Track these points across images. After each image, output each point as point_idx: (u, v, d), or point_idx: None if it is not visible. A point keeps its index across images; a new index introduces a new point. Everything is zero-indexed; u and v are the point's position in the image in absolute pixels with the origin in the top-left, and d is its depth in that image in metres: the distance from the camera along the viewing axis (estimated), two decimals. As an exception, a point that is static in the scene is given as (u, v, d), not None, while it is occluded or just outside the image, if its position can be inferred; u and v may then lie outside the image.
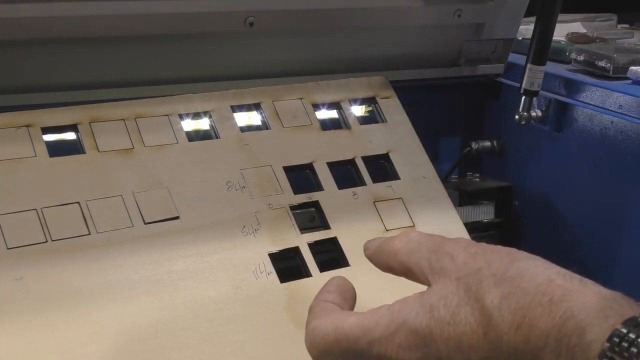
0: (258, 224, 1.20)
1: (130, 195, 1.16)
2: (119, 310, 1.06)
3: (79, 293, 1.06)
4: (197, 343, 1.07)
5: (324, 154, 1.31)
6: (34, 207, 1.10)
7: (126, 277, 1.09)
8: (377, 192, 1.31)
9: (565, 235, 1.60)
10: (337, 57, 1.55)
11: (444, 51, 1.66)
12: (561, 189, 1.61)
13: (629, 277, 1.48)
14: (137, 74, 1.40)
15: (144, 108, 1.25)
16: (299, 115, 1.34)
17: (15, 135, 1.15)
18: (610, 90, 1.50)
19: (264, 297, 1.14)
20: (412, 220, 1.30)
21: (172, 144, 1.23)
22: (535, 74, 1.53)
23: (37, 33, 1.27)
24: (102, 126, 1.20)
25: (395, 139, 1.38)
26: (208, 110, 1.29)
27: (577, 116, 1.56)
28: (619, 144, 1.47)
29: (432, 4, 1.54)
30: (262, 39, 1.46)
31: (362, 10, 1.50)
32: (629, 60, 1.55)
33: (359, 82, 1.42)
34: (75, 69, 1.35)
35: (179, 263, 1.13)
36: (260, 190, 1.23)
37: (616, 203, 1.50)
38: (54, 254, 1.08)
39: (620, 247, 1.51)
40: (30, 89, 1.32)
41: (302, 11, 1.45)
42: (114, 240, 1.12)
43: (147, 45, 1.38)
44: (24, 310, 1.02)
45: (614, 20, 2.11)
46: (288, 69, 1.50)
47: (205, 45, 1.42)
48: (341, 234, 1.24)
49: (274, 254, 1.18)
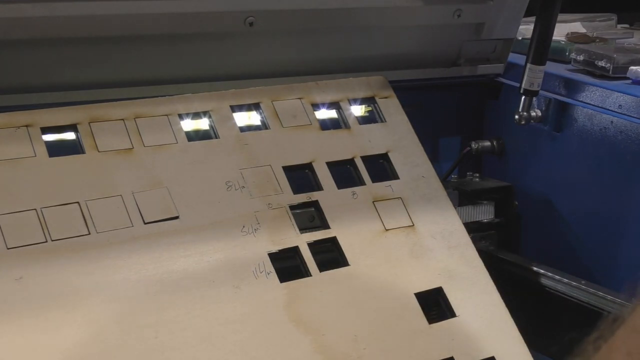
0: (258, 224, 1.20)
1: (130, 195, 1.16)
2: (119, 310, 1.06)
3: (79, 293, 1.06)
4: (197, 343, 1.07)
5: (323, 153, 1.32)
6: (34, 207, 1.10)
7: (126, 277, 1.09)
8: (376, 192, 1.31)
9: (565, 235, 1.60)
10: (336, 57, 1.55)
11: (444, 51, 1.66)
12: (561, 189, 1.61)
13: (628, 277, 1.48)
14: (137, 74, 1.40)
15: (144, 108, 1.25)
16: (299, 115, 1.34)
17: (15, 135, 1.15)
18: (610, 90, 1.50)
19: (264, 297, 1.14)
20: (412, 220, 1.30)
21: (171, 144, 1.23)
22: (535, 73, 1.53)
23: (37, 33, 1.27)
24: (101, 126, 1.21)
25: (394, 139, 1.38)
26: (208, 110, 1.29)
27: (577, 116, 1.56)
28: (618, 144, 1.47)
29: (432, 4, 1.54)
30: (262, 39, 1.46)
31: (362, 10, 1.50)
32: (629, 60, 1.55)
33: (359, 82, 1.42)
34: (75, 69, 1.35)
35: (179, 263, 1.13)
36: (259, 190, 1.24)
37: (616, 203, 1.51)
38: (54, 254, 1.08)
39: (620, 246, 1.51)
40: (30, 89, 1.32)
41: (302, 11, 1.45)
42: (114, 240, 1.12)
43: (147, 45, 1.38)
44: (24, 310, 1.03)
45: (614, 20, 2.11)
46: (288, 69, 1.51)
47: (205, 45, 1.43)
48: (341, 233, 1.24)
49: (274, 254, 1.18)
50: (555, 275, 1.48)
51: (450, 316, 1.23)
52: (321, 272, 1.19)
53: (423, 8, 1.54)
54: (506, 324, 1.25)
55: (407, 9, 1.53)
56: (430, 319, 1.21)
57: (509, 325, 1.25)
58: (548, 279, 1.49)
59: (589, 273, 1.53)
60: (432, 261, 1.27)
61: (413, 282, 1.24)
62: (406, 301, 1.21)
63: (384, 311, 1.19)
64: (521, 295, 1.45)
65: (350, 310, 1.17)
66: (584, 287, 1.44)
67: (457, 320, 1.23)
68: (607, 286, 1.44)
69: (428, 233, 1.30)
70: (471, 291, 1.27)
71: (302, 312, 1.14)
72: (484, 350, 1.21)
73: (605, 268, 1.53)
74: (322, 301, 1.16)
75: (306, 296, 1.16)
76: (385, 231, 1.27)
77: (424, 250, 1.28)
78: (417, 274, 1.25)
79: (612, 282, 1.49)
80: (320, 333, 1.13)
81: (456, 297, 1.25)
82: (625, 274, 1.49)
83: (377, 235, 1.26)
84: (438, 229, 1.31)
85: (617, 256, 1.51)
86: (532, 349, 1.26)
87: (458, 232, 1.32)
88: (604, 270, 1.53)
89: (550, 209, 1.62)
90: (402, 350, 1.17)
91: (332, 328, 1.14)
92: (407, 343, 1.18)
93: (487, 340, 1.22)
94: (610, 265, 1.52)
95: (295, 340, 1.11)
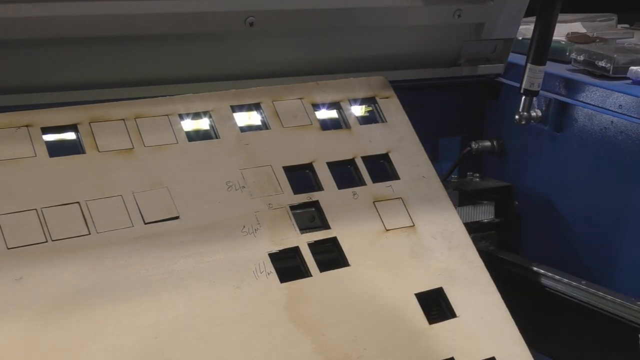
0: (258, 224, 1.20)
1: (130, 195, 1.16)
2: (119, 310, 1.06)
3: (79, 293, 1.06)
4: (197, 343, 1.07)
5: (323, 153, 1.32)
6: (34, 207, 1.10)
7: (126, 277, 1.09)
8: (377, 192, 1.31)
9: (565, 235, 1.60)
10: (337, 57, 1.55)
11: (444, 51, 1.66)
12: (561, 189, 1.61)
13: (628, 277, 1.48)
14: (137, 74, 1.40)
15: (144, 108, 1.25)
16: (299, 115, 1.34)
17: (15, 135, 1.15)
18: (610, 90, 1.50)
19: (264, 297, 1.14)
20: (412, 220, 1.30)
21: (172, 144, 1.23)
22: (535, 73, 1.53)
23: (37, 33, 1.27)
24: (102, 126, 1.20)
25: (395, 139, 1.38)
26: (208, 110, 1.29)
27: (577, 116, 1.56)
28: (619, 144, 1.47)
29: (432, 4, 1.54)
30: (262, 39, 1.46)
31: (362, 10, 1.50)
32: (629, 60, 1.55)
33: (359, 82, 1.42)
34: (75, 69, 1.35)
35: (179, 263, 1.13)
36: (260, 190, 1.23)
37: (616, 203, 1.51)
38: (54, 254, 1.08)
39: (620, 246, 1.51)
40: (30, 89, 1.32)
41: (302, 11, 1.45)
42: (114, 240, 1.12)
43: (147, 45, 1.38)
44: (24, 310, 1.03)
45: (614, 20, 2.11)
46: (288, 69, 1.51)
47: (205, 45, 1.43)
48: (341, 233, 1.24)
49: (274, 254, 1.18)
50: (555, 275, 1.48)
51: (450, 316, 1.23)
52: (321, 272, 1.19)
53: (423, 8, 1.54)
54: (506, 324, 1.26)
55: (407, 9, 1.53)
56: (431, 319, 1.21)
57: (509, 325, 1.26)
58: (548, 279, 1.49)
59: (589, 273, 1.53)
60: (432, 261, 1.27)
61: (413, 283, 1.24)
62: (406, 301, 1.21)
63: (384, 311, 1.19)
64: (521, 295, 1.45)
65: (350, 311, 1.17)
66: (584, 287, 1.44)
67: (457, 321, 1.23)
68: (607, 286, 1.44)
69: (428, 233, 1.30)
70: (472, 291, 1.27)
71: (302, 312, 1.14)
72: (484, 351, 1.21)
73: (605, 268, 1.53)
74: (322, 301, 1.16)
75: (306, 296, 1.16)
76: (385, 231, 1.27)
77: (424, 250, 1.28)
78: (417, 274, 1.25)
79: (612, 282, 1.49)
80: (321, 333, 1.13)
81: (456, 298, 1.25)
82: (625, 274, 1.49)
83: (377, 235, 1.26)
84: (438, 230, 1.31)
85: (617, 256, 1.51)
86: (532, 349, 1.26)
87: (458, 233, 1.32)
88: (604, 270, 1.53)
89: (550, 209, 1.62)
90: (402, 350, 1.17)
91: (333, 328, 1.14)
92: (408, 343, 1.18)
93: (488, 341, 1.23)
94: (610, 265, 1.52)
95: (295, 341, 1.11)
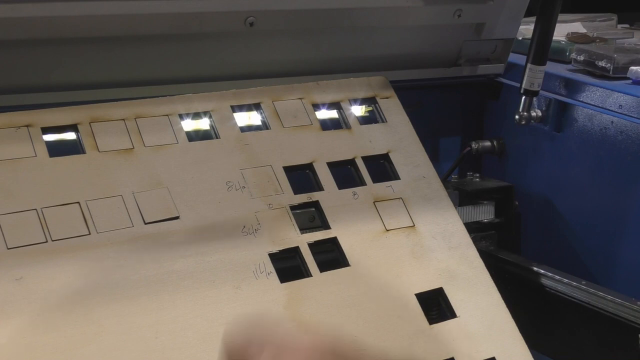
0: (258, 224, 1.20)
1: (130, 195, 1.16)
2: (119, 310, 1.06)
3: (79, 293, 1.06)
4: (197, 343, 1.07)
5: (324, 154, 1.31)
6: (34, 207, 1.10)
7: (126, 277, 1.09)
8: (377, 192, 1.31)
9: (565, 235, 1.60)
10: (337, 57, 1.55)
11: (444, 51, 1.66)
12: (561, 189, 1.61)
13: (628, 277, 1.48)
14: (137, 74, 1.40)
15: (144, 108, 1.25)
16: (299, 115, 1.34)
17: (16, 135, 1.15)
18: (610, 90, 1.50)
19: (264, 297, 1.14)
20: (412, 221, 1.30)
21: (172, 144, 1.23)
22: (535, 74, 1.53)
23: (37, 33, 1.27)
24: (102, 126, 1.20)
25: (395, 139, 1.38)
26: (208, 110, 1.28)
27: (577, 116, 1.56)
28: (619, 144, 1.47)
29: (432, 4, 1.54)
30: (262, 39, 1.46)
31: (362, 10, 1.50)
32: (629, 60, 1.55)
33: (359, 82, 1.42)
34: (75, 69, 1.35)
35: (179, 263, 1.13)
36: (260, 190, 1.23)
37: (616, 203, 1.51)
38: (54, 254, 1.07)
39: (620, 246, 1.51)
40: (30, 89, 1.32)
41: (302, 11, 1.45)
42: (114, 240, 1.11)
43: (147, 45, 1.38)
44: (24, 310, 1.02)
45: (614, 20, 2.11)
46: (288, 69, 1.50)
47: (205, 45, 1.42)
48: (341, 234, 1.24)
49: (274, 254, 1.18)
50: (555, 275, 1.48)
51: (450, 317, 1.23)
52: (322, 273, 1.19)
53: (423, 8, 1.54)
54: (507, 324, 1.25)
55: (407, 9, 1.53)
56: (431, 320, 1.21)
57: (509, 326, 1.25)
58: (548, 279, 1.49)
59: (589, 273, 1.53)
60: (432, 262, 1.27)
61: (414, 283, 1.24)
62: (407, 302, 1.21)
63: (384, 312, 1.19)
64: (521, 296, 1.45)
65: (350, 311, 1.17)
66: (584, 287, 1.43)
67: (457, 321, 1.23)
68: (607, 286, 1.44)
69: (429, 233, 1.30)
70: (472, 292, 1.27)
71: (302, 313, 1.14)
72: (484, 351, 1.21)
73: (605, 268, 1.53)
74: (322, 302, 1.16)
75: (307, 297, 1.16)
76: (386, 231, 1.27)
77: (424, 250, 1.28)
78: (417, 275, 1.25)
79: (612, 282, 1.49)
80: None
81: (457, 298, 1.25)
82: (625, 274, 1.49)
83: (377, 235, 1.26)
84: (439, 230, 1.31)
85: (617, 256, 1.51)
86: (533, 349, 1.26)
87: (459, 233, 1.32)
88: (604, 270, 1.53)
89: (551, 209, 1.62)
90: (402, 351, 1.17)
91: (333, 328, 1.14)
92: (408, 344, 1.17)
93: (488, 341, 1.22)
94: (610, 265, 1.52)
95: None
